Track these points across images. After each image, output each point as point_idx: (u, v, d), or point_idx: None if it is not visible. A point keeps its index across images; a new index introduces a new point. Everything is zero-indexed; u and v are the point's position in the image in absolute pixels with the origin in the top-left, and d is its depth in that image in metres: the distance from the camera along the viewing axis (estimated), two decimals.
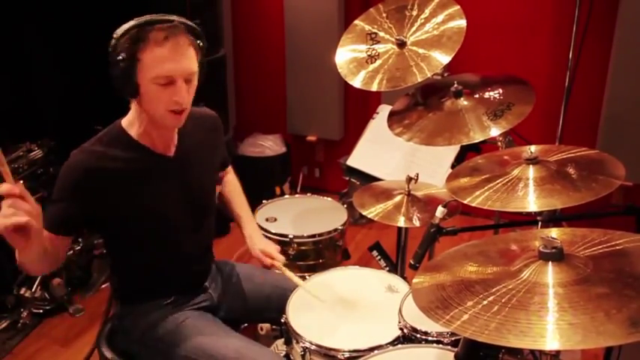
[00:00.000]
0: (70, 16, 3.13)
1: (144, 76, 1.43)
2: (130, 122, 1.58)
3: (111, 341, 1.73)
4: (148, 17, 1.45)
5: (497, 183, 1.39)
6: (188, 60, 1.46)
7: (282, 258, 1.89)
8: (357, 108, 3.79)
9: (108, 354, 1.68)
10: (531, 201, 1.31)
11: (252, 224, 1.97)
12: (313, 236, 2.21)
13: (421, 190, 2.01)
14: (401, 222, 1.87)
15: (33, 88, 3.05)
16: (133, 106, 1.56)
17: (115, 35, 1.44)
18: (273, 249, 1.92)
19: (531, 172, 1.39)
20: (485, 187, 1.39)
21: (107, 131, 1.58)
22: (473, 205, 1.35)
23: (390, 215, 1.90)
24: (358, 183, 2.44)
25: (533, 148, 1.44)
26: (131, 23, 1.44)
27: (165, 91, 1.45)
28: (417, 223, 1.85)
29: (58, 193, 1.51)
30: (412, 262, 1.54)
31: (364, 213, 1.94)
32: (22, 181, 1.27)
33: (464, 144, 2.02)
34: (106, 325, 1.79)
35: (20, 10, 2.93)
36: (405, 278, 1.88)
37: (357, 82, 1.95)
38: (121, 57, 1.42)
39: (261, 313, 1.85)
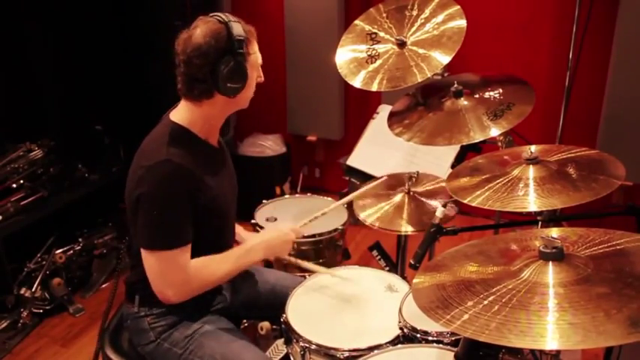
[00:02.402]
0: (71, 16, 3.13)
1: (252, 67, 1.57)
2: (191, 120, 1.58)
3: (114, 341, 1.74)
4: (229, 15, 1.53)
5: (498, 183, 1.39)
6: None
7: None
8: (357, 108, 3.79)
9: (111, 354, 1.69)
10: (531, 201, 1.31)
11: (245, 232, 1.98)
12: (313, 236, 2.21)
13: (422, 183, 2.01)
14: (403, 226, 1.88)
15: (33, 88, 3.05)
16: (199, 107, 1.55)
17: (236, 37, 1.49)
18: None
19: (531, 172, 1.39)
20: (486, 187, 1.39)
21: (169, 133, 1.55)
22: (473, 205, 1.35)
23: (392, 220, 1.91)
24: (358, 183, 2.43)
25: (533, 148, 1.44)
26: (238, 26, 1.50)
27: (256, 74, 1.61)
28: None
29: (167, 206, 1.49)
30: (412, 262, 1.54)
31: (362, 215, 1.94)
32: (22, 181, 1.26)
33: (464, 144, 2.02)
34: (109, 326, 1.79)
35: (21, 10, 2.93)
36: (405, 278, 1.88)
37: (357, 82, 1.95)
38: (240, 57, 1.50)
39: (262, 309, 1.86)
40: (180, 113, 1.59)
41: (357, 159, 2.50)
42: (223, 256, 1.63)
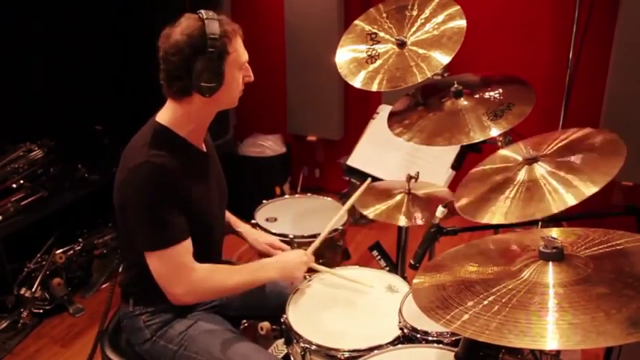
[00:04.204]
0: (71, 16, 3.13)
1: (233, 66, 1.52)
2: (176, 121, 1.57)
3: (113, 340, 1.74)
4: (207, 13, 1.49)
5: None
6: None
7: (286, 247, 1.99)
8: (357, 108, 3.79)
9: (111, 354, 1.69)
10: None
11: (248, 227, 2.01)
12: (313, 236, 2.20)
13: (422, 189, 2.01)
14: (401, 221, 1.87)
15: (33, 89, 3.05)
16: (183, 105, 1.55)
17: (209, 35, 1.45)
18: (276, 240, 2.01)
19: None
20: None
21: (152, 134, 1.54)
22: None
23: (391, 214, 1.90)
24: (358, 183, 2.43)
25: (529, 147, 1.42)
26: (213, 24, 1.46)
27: (241, 73, 1.57)
28: (419, 222, 1.85)
29: (154, 206, 1.48)
30: (412, 262, 1.54)
31: (364, 213, 1.94)
32: (22, 181, 1.26)
33: (464, 144, 2.01)
34: (108, 325, 1.79)
35: (21, 10, 2.93)
36: (405, 278, 1.88)
37: (357, 82, 1.95)
38: (213, 55, 1.46)
39: (261, 309, 1.87)
40: (165, 113, 1.59)
41: (357, 159, 2.50)
42: (237, 268, 1.67)
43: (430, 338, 1.51)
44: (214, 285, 1.59)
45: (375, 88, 1.90)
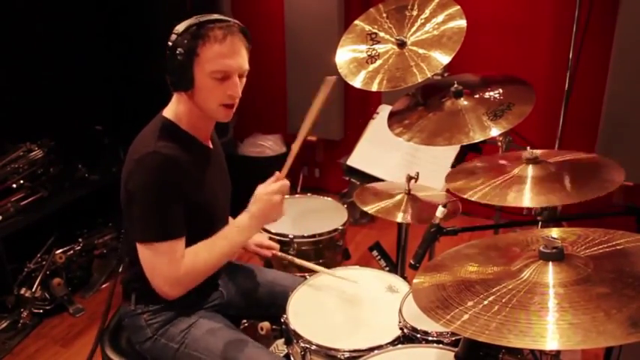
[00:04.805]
0: (71, 16, 3.13)
1: (201, 70, 1.49)
2: (178, 115, 1.59)
3: (114, 340, 1.74)
4: (207, 16, 1.52)
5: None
6: (242, 58, 1.54)
7: (276, 245, 2.01)
8: (357, 108, 3.79)
9: (111, 353, 1.69)
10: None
11: None
12: (313, 236, 2.21)
13: (421, 191, 2.01)
14: (399, 218, 1.88)
15: (33, 89, 3.05)
16: (182, 100, 1.57)
17: (175, 31, 1.50)
18: (265, 238, 2.04)
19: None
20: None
21: (159, 128, 1.56)
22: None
23: (390, 211, 1.90)
24: (358, 183, 2.44)
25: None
26: (192, 21, 1.50)
27: (221, 85, 1.52)
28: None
29: (158, 197, 1.48)
30: (412, 262, 1.54)
31: (365, 209, 1.94)
32: (22, 181, 1.26)
33: (464, 144, 2.02)
34: (109, 324, 1.79)
35: (21, 10, 2.93)
36: (405, 278, 1.88)
37: (357, 82, 1.95)
38: (179, 51, 1.48)
39: (262, 309, 1.87)
40: (170, 107, 1.61)
41: (357, 159, 2.50)
42: (214, 241, 1.57)
43: (430, 338, 1.51)
44: (199, 272, 1.55)
45: (375, 88, 1.91)
